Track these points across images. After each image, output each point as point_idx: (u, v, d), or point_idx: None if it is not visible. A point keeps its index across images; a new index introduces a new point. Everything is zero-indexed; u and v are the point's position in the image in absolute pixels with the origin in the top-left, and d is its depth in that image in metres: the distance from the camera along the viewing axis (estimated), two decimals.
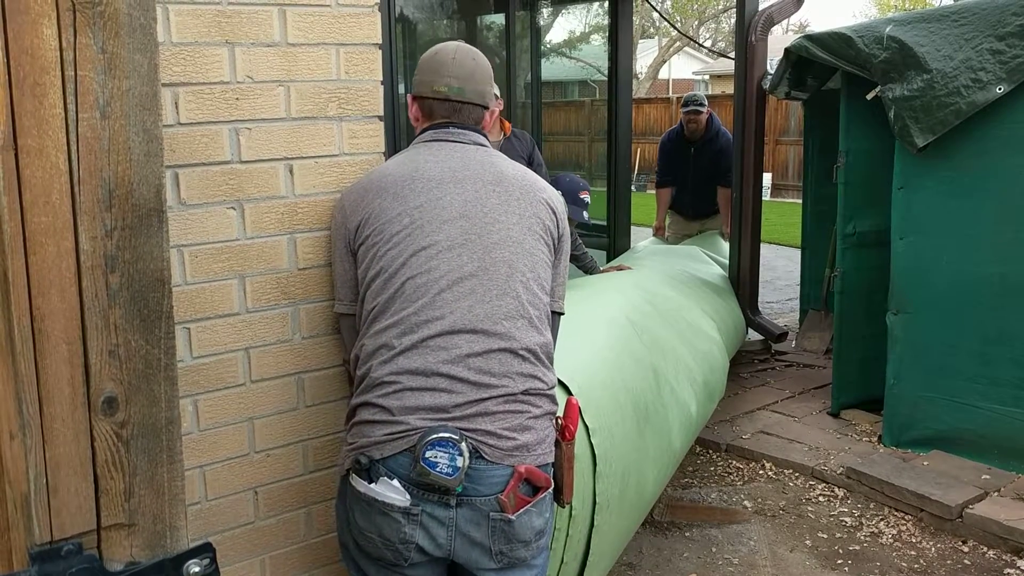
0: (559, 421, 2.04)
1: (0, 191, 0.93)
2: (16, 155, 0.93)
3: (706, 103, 6.64)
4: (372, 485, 1.86)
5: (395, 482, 1.85)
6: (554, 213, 2.12)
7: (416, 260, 1.95)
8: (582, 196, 4.44)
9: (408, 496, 1.85)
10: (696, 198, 6.82)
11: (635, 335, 3.45)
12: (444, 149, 2.10)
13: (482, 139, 2.16)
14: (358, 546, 1.95)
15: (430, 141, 2.12)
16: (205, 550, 1.08)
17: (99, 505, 1.02)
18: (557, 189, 4.33)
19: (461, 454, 1.81)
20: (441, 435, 1.81)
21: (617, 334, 3.36)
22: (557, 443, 2.01)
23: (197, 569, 1.07)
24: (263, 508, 2.19)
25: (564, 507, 2.10)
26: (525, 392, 1.93)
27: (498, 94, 2.24)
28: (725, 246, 6.40)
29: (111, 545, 1.04)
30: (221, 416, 2.10)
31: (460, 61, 2.12)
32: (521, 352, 1.94)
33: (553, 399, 2.02)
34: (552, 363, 2.05)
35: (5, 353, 0.97)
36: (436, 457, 1.80)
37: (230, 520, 2.14)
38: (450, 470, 1.81)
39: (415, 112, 2.20)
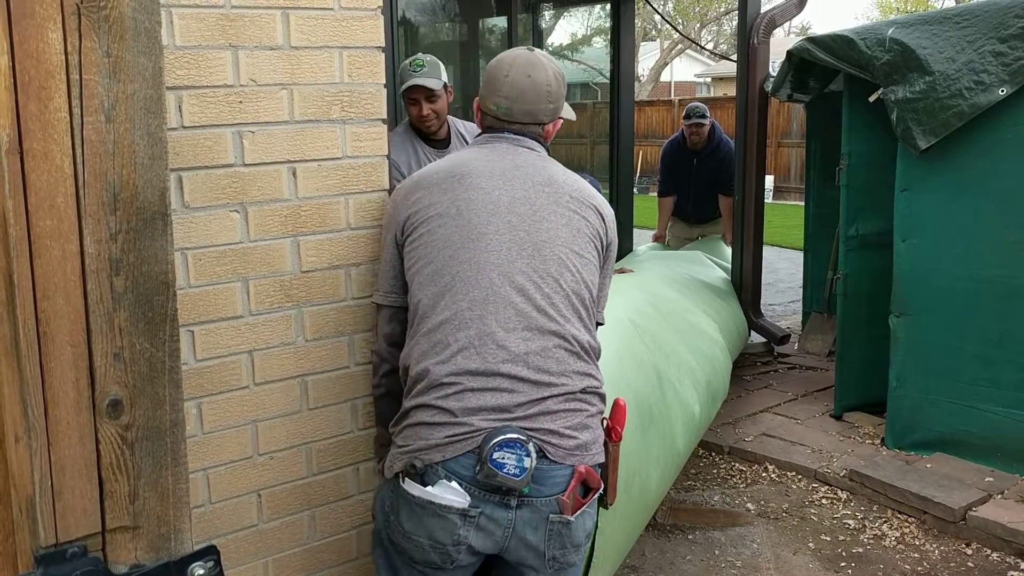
0: (605, 422, 2.04)
1: (6, 194, 0.93)
2: (21, 159, 0.94)
3: (708, 114, 6.64)
4: (429, 488, 1.84)
5: (454, 483, 1.83)
6: (603, 220, 2.11)
7: (465, 253, 1.93)
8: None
9: (468, 497, 1.83)
10: (698, 206, 6.84)
11: (637, 337, 3.45)
12: (496, 151, 2.09)
13: (536, 144, 2.14)
14: (397, 547, 1.93)
15: (483, 144, 2.14)
16: (209, 553, 1.08)
17: (104, 508, 1.03)
18: None
19: (528, 455, 1.80)
20: (509, 436, 1.80)
21: (619, 335, 3.36)
22: (605, 444, 2.01)
23: (201, 572, 1.08)
24: (267, 511, 2.19)
25: (608, 509, 2.10)
26: (583, 390, 1.93)
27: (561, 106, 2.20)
28: (727, 251, 6.40)
29: (116, 548, 1.04)
30: (225, 419, 2.10)
31: (512, 80, 2.09)
32: (576, 349, 1.94)
33: (604, 398, 2.01)
34: (599, 363, 2.05)
35: (10, 356, 0.97)
36: (504, 458, 1.79)
37: (234, 523, 2.15)
38: (517, 471, 1.80)
39: (477, 119, 2.23)
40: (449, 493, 1.83)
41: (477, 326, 1.88)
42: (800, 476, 4.43)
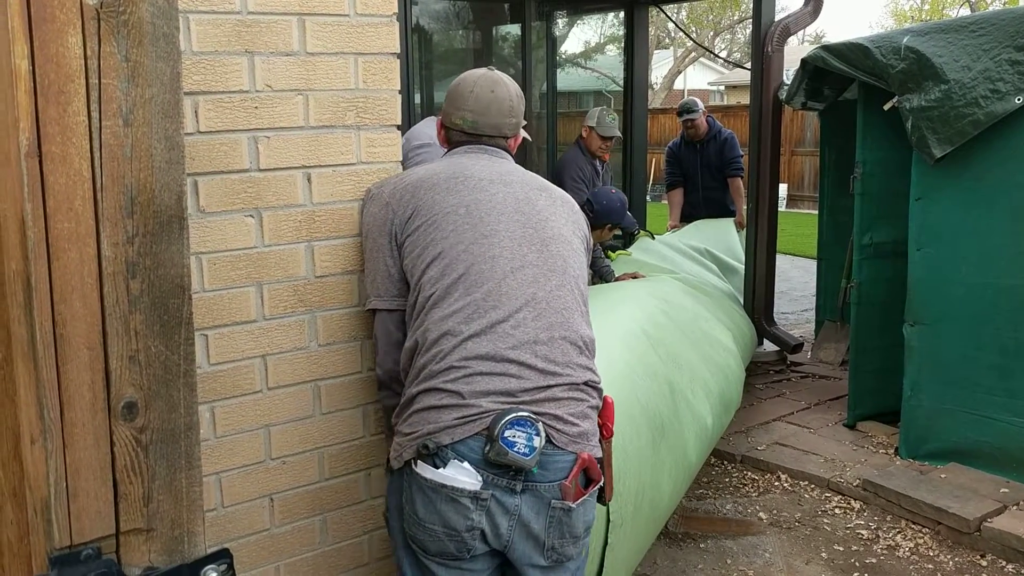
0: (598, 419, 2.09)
1: (24, 197, 0.94)
2: (40, 162, 0.94)
3: (699, 107, 6.90)
4: (441, 470, 1.86)
5: (466, 465, 1.86)
6: (587, 223, 2.29)
7: (478, 247, 1.99)
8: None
9: (480, 479, 1.86)
10: (708, 195, 7.00)
11: (651, 348, 3.44)
12: (482, 159, 2.20)
13: (508, 156, 2.27)
14: (414, 541, 1.95)
15: (466, 153, 2.23)
16: (222, 556, 1.09)
17: (118, 510, 1.03)
18: (606, 200, 4.54)
19: (538, 434, 1.85)
20: (520, 414, 1.85)
21: (632, 347, 3.34)
22: (600, 440, 2.05)
23: (214, 575, 1.08)
24: (278, 515, 2.19)
25: (606, 505, 2.13)
26: (585, 383, 1.99)
27: (522, 124, 2.35)
28: (736, 240, 6.43)
29: (129, 550, 1.05)
30: (238, 423, 2.10)
31: (477, 95, 2.21)
32: (579, 343, 2.01)
33: (601, 393, 2.07)
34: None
35: (27, 358, 0.98)
36: (514, 437, 1.84)
37: (245, 527, 2.15)
38: (527, 450, 1.84)
39: (441, 137, 2.35)
40: (462, 474, 1.86)
41: (490, 315, 1.93)
42: (813, 485, 4.41)
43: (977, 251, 4.22)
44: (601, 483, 1.99)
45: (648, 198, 8.40)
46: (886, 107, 4.53)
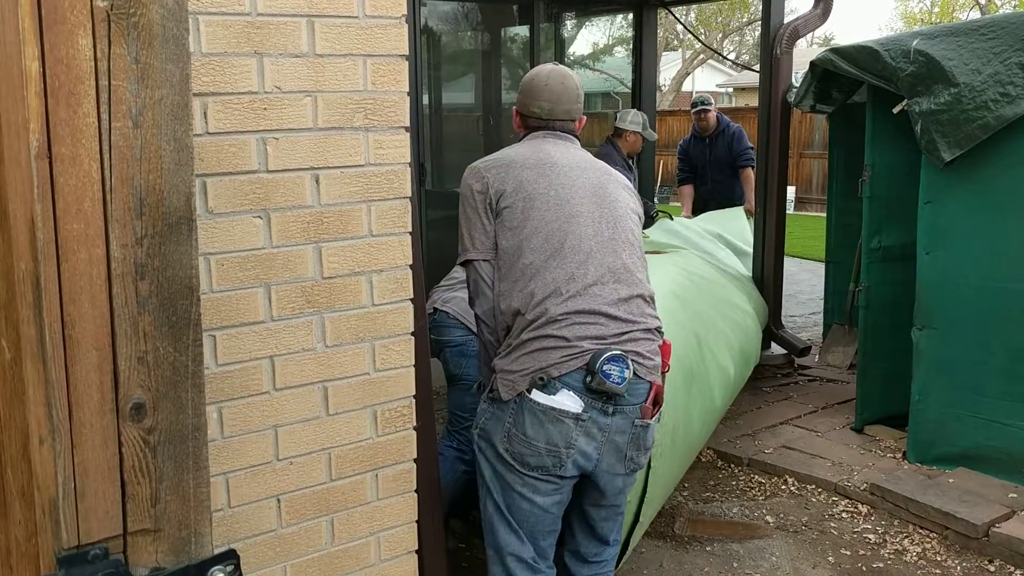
0: None
1: (34, 198, 0.94)
2: (50, 163, 0.95)
3: (711, 102, 7.36)
4: (553, 396, 2.39)
5: (571, 393, 2.39)
6: (639, 200, 2.81)
7: (569, 225, 2.51)
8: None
9: (582, 404, 2.39)
10: (716, 187, 7.29)
11: (679, 306, 3.96)
12: (559, 146, 2.67)
13: (576, 139, 2.76)
14: (515, 457, 2.44)
15: (546, 137, 2.70)
16: (229, 557, 1.09)
17: (126, 510, 1.03)
18: None
19: (628, 367, 2.40)
20: (615, 352, 2.40)
21: (663, 305, 3.51)
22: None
23: (221, 575, 1.08)
24: (285, 516, 2.19)
25: (659, 423, 2.63)
26: (656, 328, 2.56)
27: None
28: (745, 226, 6.48)
29: (137, 550, 1.05)
30: (245, 424, 2.10)
31: (551, 87, 2.70)
32: (648, 298, 2.58)
33: (662, 335, 2.61)
34: None
35: (36, 358, 0.98)
36: (611, 370, 2.37)
37: (253, 527, 2.15)
38: (619, 380, 2.38)
39: (517, 122, 2.82)
40: (568, 400, 2.39)
41: (583, 280, 2.46)
42: (820, 489, 4.40)
43: (986, 255, 4.20)
44: (662, 405, 2.52)
45: (656, 199, 8.41)
46: (895, 110, 4.51)
